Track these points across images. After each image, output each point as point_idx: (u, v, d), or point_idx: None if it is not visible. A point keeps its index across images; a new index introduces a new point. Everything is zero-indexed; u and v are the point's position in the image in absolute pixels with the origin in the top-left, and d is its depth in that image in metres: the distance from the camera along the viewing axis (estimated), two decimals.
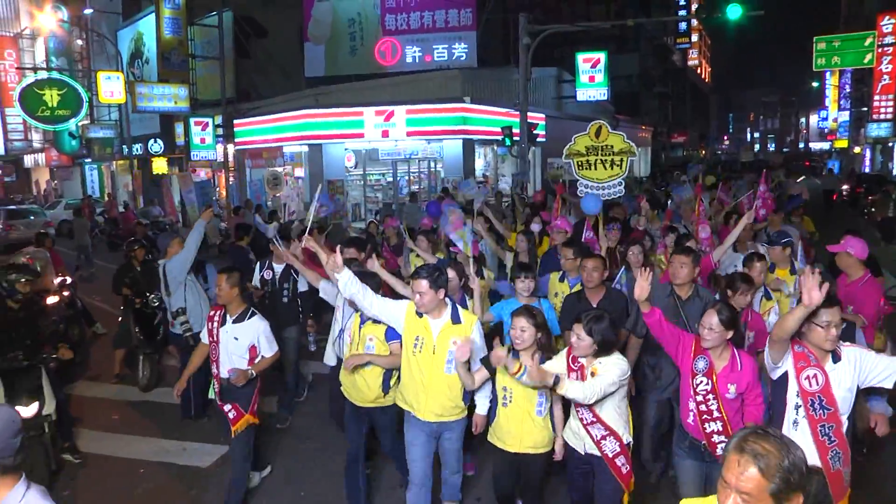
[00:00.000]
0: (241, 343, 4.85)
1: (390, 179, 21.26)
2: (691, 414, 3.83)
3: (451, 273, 4.98)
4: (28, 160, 49.00)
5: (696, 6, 54.85)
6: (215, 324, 4.93)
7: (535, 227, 8.31)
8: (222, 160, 23.65)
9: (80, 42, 36.81)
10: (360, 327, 4.74)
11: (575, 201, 10.86)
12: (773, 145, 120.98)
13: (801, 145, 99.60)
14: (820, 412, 3.44)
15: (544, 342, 4.03)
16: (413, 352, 4.31)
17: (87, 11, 28.37)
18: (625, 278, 6.05)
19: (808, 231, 9.54)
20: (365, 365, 4.65)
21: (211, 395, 5.13)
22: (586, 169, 8.08)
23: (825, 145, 61.81)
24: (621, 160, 7.87)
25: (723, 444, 3.63)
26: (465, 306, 4.97)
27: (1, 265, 6.56)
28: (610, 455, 3.89)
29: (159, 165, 26.57)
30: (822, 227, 6.31)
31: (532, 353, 3.93)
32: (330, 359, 5.60)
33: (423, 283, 4.14)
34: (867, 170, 41.53)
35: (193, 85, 24.22)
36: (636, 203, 10.84)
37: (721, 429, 3.72)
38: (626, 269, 6.18)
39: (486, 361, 4.11)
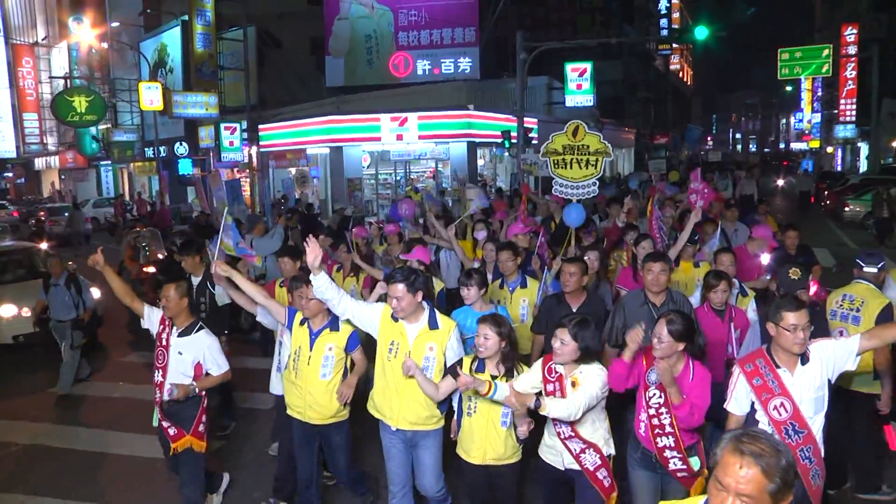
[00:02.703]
0: (185, 359, 4.57)
1: (397, 179, 23.80)
2: (643, 425, 3.75)
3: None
4: (39, 163, 50.82)
5: (678, 13, 57.54)
6: (167, 332, 4.65)
7: (480, 234, 7.80)
8: (247, 161, 26.15)
9: (94, 50, 38.98)
10: (312, 338, 4.46)
11: (540, 201, 11.32)
12: (755, 146, 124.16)
13: (782, 145, 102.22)
14: (795, 437, 3.42)
15: (507, 351, 3.91)
16: (388, 357, 4.13)
17: (114, 24, 30.76)
18: (550, 279, 5.83)
19: (772, 230, 9.94)
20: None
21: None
22: (562, 168, 7.91)
23: (803, 145, 64.40)
24: (597, 160, 7.74)
25: (675, 459, 3.67)
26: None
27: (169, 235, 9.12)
28: (591, 468, 3.79)
29: (184, 166, 28.98)
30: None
31: (497, 363, 3.91)
32: (276, 387, 5.15)
33: (400, 287, 3.97)
34: (839, 168, 44.19)
35: (221, 93, 26.66)
36: (598, 202, 11.28)
37: (673, 444, 3.66)
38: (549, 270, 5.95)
39: (452, 371, 3.96)
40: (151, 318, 4.74)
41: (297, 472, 4.85)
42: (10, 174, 56.00)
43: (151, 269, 10.99)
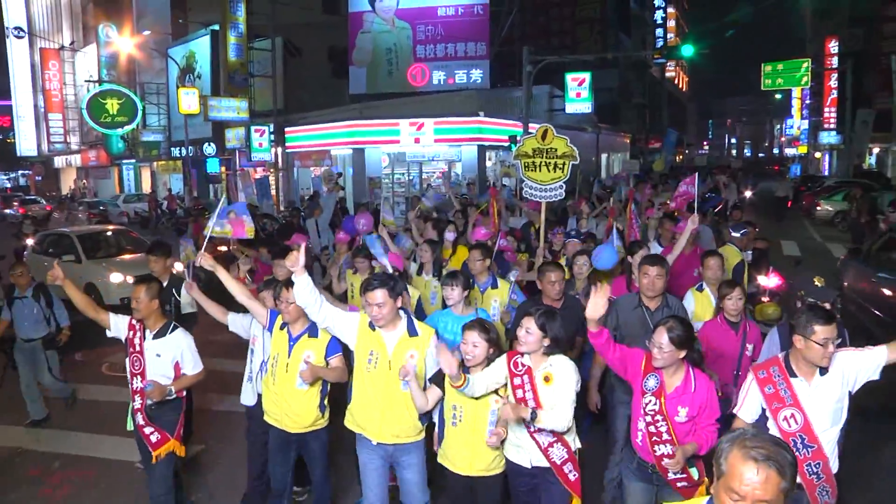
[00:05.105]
0: (164, 360, 4.49)
1: (411, 178, 25.89)
2: (640, 434, 3.61)
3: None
4: (59, 161, 52.82)
5: (673, 22, 59.82)
6: (138, 336, 4.53)
7: (450, 235, 7.87)
8: (273, 161, 28.48)
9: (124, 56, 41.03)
10: (290, 345, 4.31)
11: (520, 205, 11.76)
12: (750, 150, 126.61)
13: (776, 150, 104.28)
14: (804, 451, 3.30)
15: (495, 358, 3.81)
16: (367, 368, 3.94)
17: (146, 32, 32.98)
18: (515, 285, 5.91)
19: None
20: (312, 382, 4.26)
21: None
22: (532, 171, 7.91)
23: (794, 151, 66.24)
24: (564, 164, 7.69)
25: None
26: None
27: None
28: (558, 462, 3.71)
29: (212, 165, 31.24)
30: (769, 230, 7.58)
31: (483, 370, 3.80)
32: (247, 398, 4.96)
33: (380, 294, 3.76)
34: (827, 173, 46.31)
35: (251, 98, 29.00)
36: (576, 205, 11.57)
37: (672, 452, 3.47)
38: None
39: (435, 379, 3.89)
40: (118, 325, 4.59)
41: (269, 483, 4.72)
42: (30, 172, 58.11)
43: (223, 248, 13.20)
